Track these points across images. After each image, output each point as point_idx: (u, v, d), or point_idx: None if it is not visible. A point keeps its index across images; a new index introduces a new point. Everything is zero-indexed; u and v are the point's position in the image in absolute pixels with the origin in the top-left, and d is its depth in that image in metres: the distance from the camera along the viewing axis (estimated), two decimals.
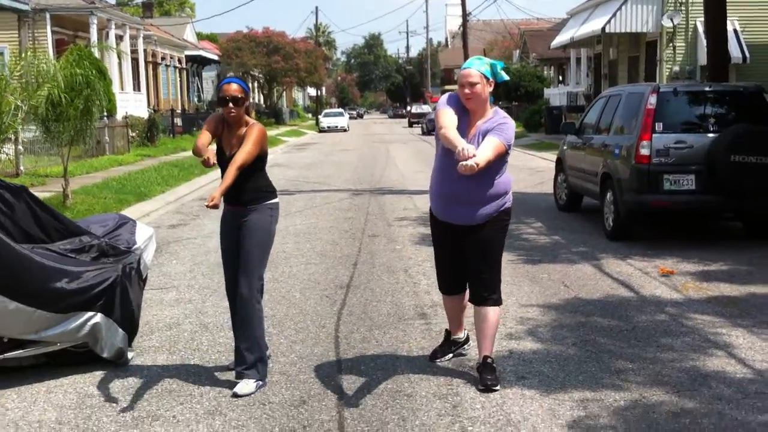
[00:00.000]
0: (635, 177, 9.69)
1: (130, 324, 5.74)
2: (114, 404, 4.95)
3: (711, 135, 9.57)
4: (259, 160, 5.11)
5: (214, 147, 5.12)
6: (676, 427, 4.42)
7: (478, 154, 4.62)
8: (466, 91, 4.94)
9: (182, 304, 7.39)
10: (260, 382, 5.08)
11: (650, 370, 5.35)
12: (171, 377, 5.42)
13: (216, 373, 5.43)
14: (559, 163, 13.18)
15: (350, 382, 5.22)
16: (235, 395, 4.94)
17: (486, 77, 4.98)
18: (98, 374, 5.49)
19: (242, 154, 4.95)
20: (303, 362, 5.65)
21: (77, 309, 5.39)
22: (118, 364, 5.64)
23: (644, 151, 9.60)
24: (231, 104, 5.04)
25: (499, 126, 4.93)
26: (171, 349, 6.06)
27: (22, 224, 5.79)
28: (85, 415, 4.80)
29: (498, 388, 4.98)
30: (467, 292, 5.35)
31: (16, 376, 5.41)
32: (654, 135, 9.60)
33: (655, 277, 8.11)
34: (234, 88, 5.08)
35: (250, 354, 5.08)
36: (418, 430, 4.44)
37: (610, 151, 10.45)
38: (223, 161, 5.11)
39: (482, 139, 4.89)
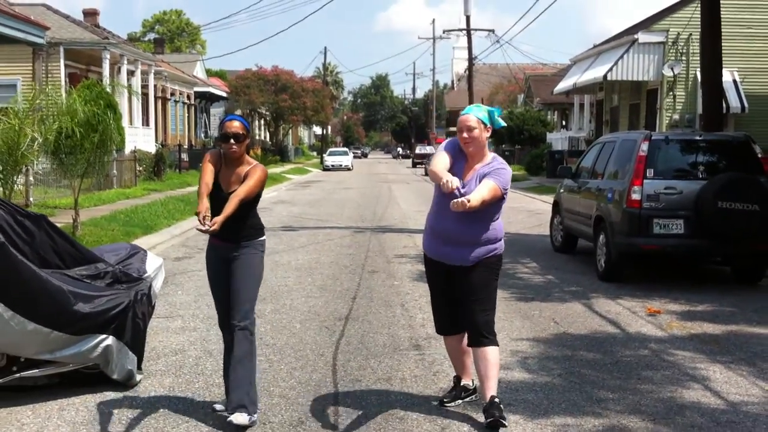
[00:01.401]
0: (626, 220, 10.06)
1: (139, 347, 6.08)
2: (124, 422, 5.27)
3: (700, 182, 9.95)
4: (255, 198, 5.25)
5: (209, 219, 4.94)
6: None
7: (474, 194, 4.85)
8: (465, 135, 5.16)
9: (187, 332, 7.72)
10: (253, 417, 5.13)
11: (629, 399, 5.68)
12: (177, 399, 5.74)
13: (220, 396, 5.74)
14: (556, 206, 13.57)
15: (346, 406, 5.54)
16: (230, 423, 5.02)
17: (484, 123, 5.19)
18: (108, 395, 5.80)
19: (246, 189, 5.07)
20: (302, 387, 5.98)
21: (91, 331, 5.72)
22: (127, 386, 5.96)
23: (635, 196, 9.98)
24: (233, 141, 5.14)
25: (496, 170, 5.13)
26: (177, 373, 6.38)
27: (41, 251, 6.14)
28: (96, 430, 5.11)
29: (506, 425, 5.05)
30: (465, 334, 5.42)
31: (31, 395, 5.72)
32: (645, 181, 9.99)
33: (642, 316, 8.45)
34: (236, 125, 5.19)
35: (243, 390, 5.11)
36: None
37: (604, 195, 10.84)
38: (219, 197, 5.16)
39: (479, 182, 5.07)
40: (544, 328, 7.90)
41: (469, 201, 4.73)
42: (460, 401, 5.57)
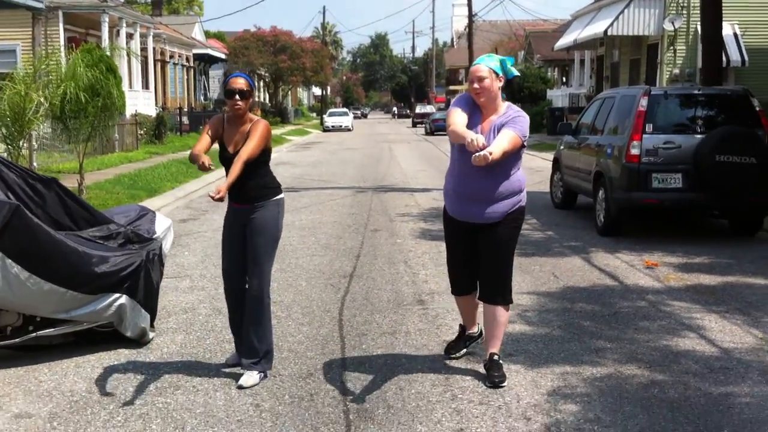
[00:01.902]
0: (625, 175, 10.20)
1: (152, 306, 6.26)
2: (139, 377, 5.46)
3: (698, 136, 10.07)
4: (263, 155, 5.24)
5: (207, 158, 5.02)
6: (645, 396, 4.94)
7: (494, 145, 4.74)
8: (476, 86, 5.04)
9: (196, 291, 7.91)
10: (263, 374, 5.31)
11: (626, 349, 5.87)
12: (189, 354, 5.94)
13: (230, 350, 5.93)
14: (556, 163, 13.70)
15: (353, 358, 5.75)
16: (240, 387, 5.13)
17: (495, 73, 5.06)
18: (123, 352, 6.00)
19: (248, 149, 5.06)
20: (310, 341, 6.17)
21: (105, 291, 5.89)
22: (140, 343, 6.15)
23: (634, 151, 10.11)
24: (238, 97, 5.15)
25: (513, 119, 5.01)
26: (188, 330, 6.58)
27: (53, 213, 6.30)
28: (112, 386, 5.31)
29: (505, 384, 5.10)
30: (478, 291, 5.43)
31: (47, 353, 5.91)
32: (644, 136, 10.11)
33: (640, 269, 8.63)
34: (241, 82, 5.20)
35: (259, 348, 5.29)
36: (414, 398, 4.96)
37: (603, 150, 10.96)
38: (226, 158, 5.26)
39: (497, 134, 4.95)
40: (544, 282, 8.08)
41: (491, 153, 4.60)
42: (464, 350, 5.67)
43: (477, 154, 4.58)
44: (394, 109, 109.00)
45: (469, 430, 4.48)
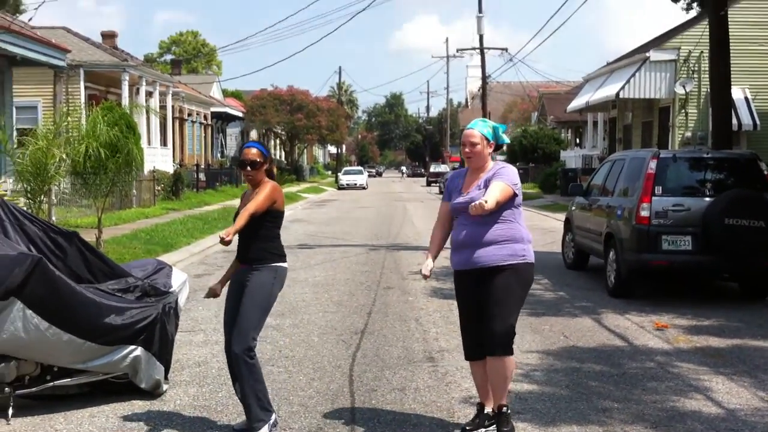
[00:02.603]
0: (635, 237, 10.31)
1: (166, 358, 6.39)
2: (152, 427, 5.57)
3: (707, 199, 10.20)
4: (270, 216, 5.36)
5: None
6: None
7: (486, 195, 4.97)
8: (467, 150, 5.34)
9: (209, 345, 8.03)
10: (271, 424, 5.30)
11: (633, 409, 5.93)
12: (201, 406, 6.05)
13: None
14: (568, 223, 13.83)
15: (362, 413, 5.84)
16: None
17: (487, 138, 5.33)
18: (137, 403, 6.11)
19: (254, 203, 5.24)
20: (320, 396, 6.27)
21: (121, 342, 6.04)
22: (154, 395, 6.26)
23: (644, 213, 10.24)
24: (249, 167, 5.41)
25: (498, 172, 5.25)
26: (201, 383, 6.69)
27: (73, 266, 6.50)
28: None
29: None
30: None
31: (63, 402, 6.04)
32: (654, 198, 10.25)
33: (650, 331, 8.69)
34: (253, 152, 5.43)
35: (254, 405, 5.29)
36: None
37: (614, 212, 11.10)
38: (238, 214, 5.43)
39: (485, 187, 5.20)
40: (554, 341, 8.16)
41: (486, 201, 4.85)
42: (483, 429, 5.46)
43: (472, 204, 4.84)
44: (403, 168, 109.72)
45: None
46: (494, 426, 5.44)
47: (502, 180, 5.16)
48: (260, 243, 5.38)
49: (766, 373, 6.99)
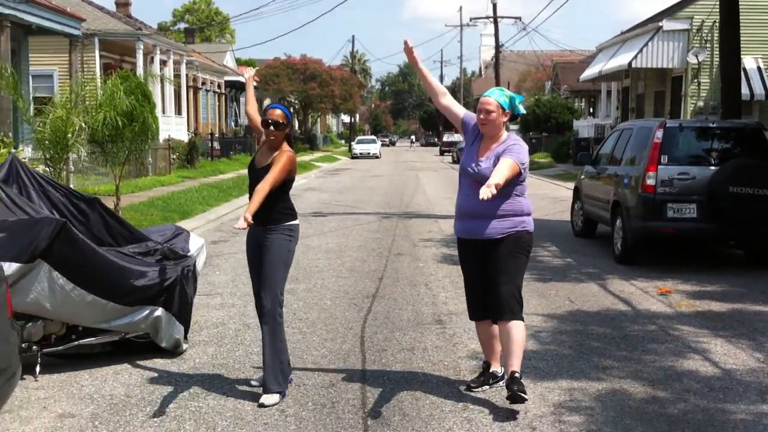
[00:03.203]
0: (641, 205, 10.52)
1: (186, 318, 6.68)
2: (173, 383, 5.87)
3: (712, 168, 10.38)
4: (283, 184, 5.52)
5: None
6: (646, 411, 5.26)
7: (494, 176, 5.02)
8: (482, 117, 5.37)
9: (226, 307, 8.32)
10: (282, 394, 5.48)
11: (632, 368, 6.19)
12: (220, 364, 6.34)
13: (258, 362, 6.30)
14: (576, 192, 14.03)
15: (372, 371, 6.12)
16: (261, 405, 5.34)
17: (503, 107, 5.38)
18: (158, 361, 6.41)
19: (270, 179, 5.34)
20: (333, 355, 6.55)
21: (143, 303, 6.32)
22: (174, 354, 6.56)
23: (650, 181, 10.43)
24: (272, 127, 5.50)
25: (510, 147, 5.32)
26: (219, 342, 6.98)
27: (95, 230, 6.78)
28: (148, 391, 5.71)
29: (527, 396, 5.14)
30: None
31: (88, 360, 6.34)
32: (659, 167, 10.43)
33: (654, 296, 8.93)
34: (277, 113, 5.53)
35: (275, 368, 5.51)
36: (428, 407, 5.32)
37: (621, 180, 11.30)
38: (252, 173, 5.65)
39: (496, 161, 5.27)
40: (559, 305, 8.41)
41: (496, 185, 4.89)
42: (486, 387, 5.65)
43: (482, 190, 4.84)
44: (412, 137, 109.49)
45: None
46: (499, 384, 5.67)
47: (511, 157, 5.23)
48: (272, 206, 5.53)
49: (765, 336, 7.22)
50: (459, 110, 5.76)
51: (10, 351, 4.42)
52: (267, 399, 5.45)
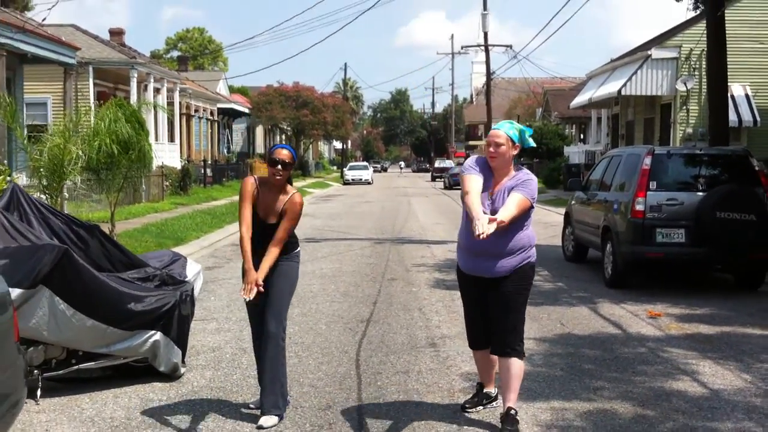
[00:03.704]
0: (631, 230, 10.71)
1: (183, 343, 6.79)
2: (172, 406, 5.97)
3: (700, 194, 10.58)
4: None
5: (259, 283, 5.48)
6: (636, 429, 5.40)
7: (503, 211, 5.04)
8: (491, 150, 5.34)
9: (222, 332, 8.43)
10: (281, 417, 5.64)
11: (622, 388, 6.33)
12: (217, 388, 6.45)
13: (255, 386, 6.40)
14: (567, 217, 14.22)
15: (368, 393, 6.23)
16: (260, 428, 5.45)
17: (512, 140, 5.35)
18: (157, 385, 6.51)
19: (284, 234, 5.57)
20: (329, 378, 6.67)
21: (142, 328, 6.43)
22: (172, 378, 6.66)
23: (639, 207, 10.63)
24: (280, 167, 5.56)
25: (523, 183, 5.30)
26: (216, 366, 7.09)
27: (94, 257, 6.91)
28: (148, 414, 5.82)
29: None
30: None
31: (88, 385, 6.44)
32: (648, 192, 10.64)
33: (643, 319, 9.08)
34: (285, 153, 5.61)
35: (275, 390, 5.64)
36: (424, 428, 5.45)
37: (610, 206, 11.49)
38: (257, 223, 5.62)
39: (507, 195, 5.24)
40: (551, 329, 8.55)
41: (502, 221, 4.95)
42: (481, 407, 5.77)
43: (485, 226, 4.82)
44: (401, 163, 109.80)
45: None
46: (493, 404, 5.81)
47: (523, 193, 5.23)
48: None
49: (752, 358, 7.36)
50: (478, 183, 5.38)
51: (17, 376, 4.52)
52: (266, 421, 5.55)
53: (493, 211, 5.18)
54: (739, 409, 5.85)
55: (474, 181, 5.32)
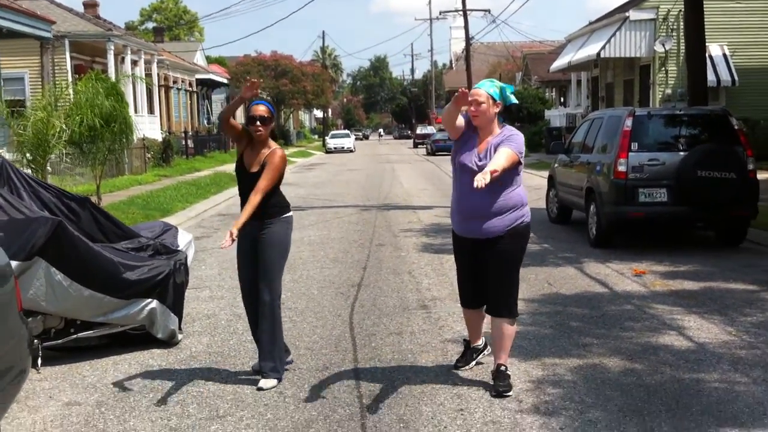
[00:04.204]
0: (614, 190, 10.87)
1: (179, 310, 6.90)
2: (172, 371, 6.09)
3: (681, 153, 10.74)
4: (279, 179, 5.81)
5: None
6: (625, 382, 5.57)
7: (492, 163, 5.02)
8: (472, 108, 5.33)
9: (216, 300, 8.54)
10: (279, 378, 5.76)
11: (611, 344, 6.50)
12: (215, 353, 6.57)
13: (252, 350, 6.53)
14: (551, 180, 14.38)
15: (363, 354, 6.38)
16: (260, 389, 5.56)
17: (493, 98, 5.34)
18: (155, 351, 6.62)
19: (263, 184, 5.51)
20: (324, 341, 6.81)
21: (138, 296, 6.53)
22: (170, 344, 6.78)
23: (621, 168, 10.78)
24: (259, 123, 5.59)
25: (508, 138, 5.31)
26: (212, 333, 7.21)
27: (87, 229, 6.96)
28: (149, 379, 5.93)
29: (510, 394, 5.33)
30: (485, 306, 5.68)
31: (88, 353, 6.54)
32: (630, 153, 10.79)
33: (629, 277, 9.27)
34: (262, 108, 5.62)
35: (274, 353, 5.74)
36: (419, 384, 5.60)
37: (593, 167, 11.63)
38: (243, 176, 5.71)
39: (494, 152, 5.24)
40: (539, 289, 8.72)
41: (494, 171, 4.89)
42: (473, 363, 5.88)
43: (477, 178, 4.82)
44: (380, 130, 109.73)
45: (468, 411, 5.11)
46: (483, 353, 5.97)
47: (510, 147, 5.23)
48: (266, 202, 5.66)
49: (736, 311, 7.55)
50: (459, 119, 5.52)
51: (21, 346, 4.61)
52: (265, 383, 5.66)
53: (482, 168, 5.15)
54: (725, 361, 6.04)
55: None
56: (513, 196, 5.37)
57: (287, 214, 5.88)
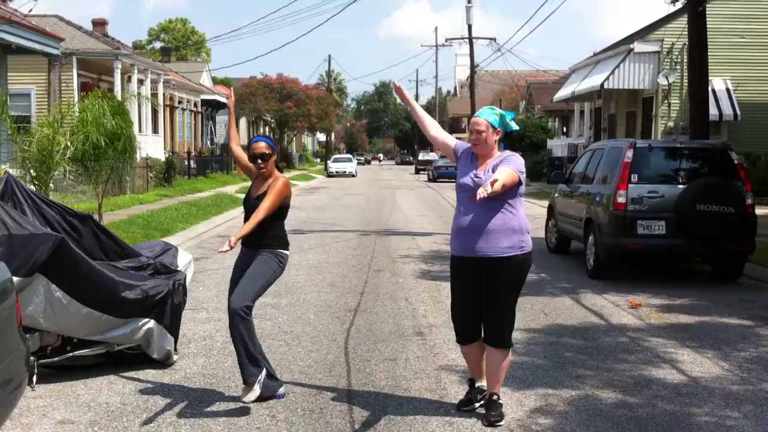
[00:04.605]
0: (613, 222, 10.92)
1: (176, 331, 6.93)
2: (166, 392, 6.11)
3: (680, 186, 10.80)
4: (279, 210, 5.78)
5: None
6: (617, 414, 5.59)
7: (493, 177, 5.01)
8: (473, 137, 5.44)
9: (212, 321, 8.57)
10: (261, 382, 5.54)
11: (604, 376, 6.52)
12: (210, 374, 6.60)
13: None
14: (550, 210, 14.44)
15: (357, 380, 6.40)
16: (244, 402, 5.58)
17: (493, 126, 5.41)
18: (150, 371, 6.65)
19: (264, 207, 5.61)
20: (318, 365, 6.83)
21: (136, 315, 6.57)
22: (165, 365, 6.80)
23: (621, 199, 10.84)
24: (260, 160, 5.85)
25: (507, 158, 5.35)
26: (207, 354, 7.23)
27: (88, 246, 7.01)
28: (143, 399, 5.96)
29: (502, 423, 5.34)
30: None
31: (83, 371, 6.56)
32: (630, 185, 10.85)
33: (625, 309, 9.29)
34: (262, 145, 5.86)
35: (248, 356, 5.55)
36: (412, 411, 5.62)
37: (593, 198, 11.70)
38: (248, 203, 5.89)
39: (493, 172, 5.25)
40: (534, 318, 8.74)
41: (494, 182, 4.89)
42: (477, 404, 5.67)
43: (479, 190, 4.85)
44: (380, 155, 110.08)
45: None
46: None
47: (509, 166, 5.25)
48: (265, 231, 5.78)
49: (730, 346, 7.58)
50: (450, 140, 5.77)
51: (20, 361, 4.65)
52: (248, 397, 5.53)
53: (480, 185, 5.13)
54: (717, 395, 6.06)
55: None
56: (512, 219, 5.35)
57: (282, 250, 5.91)
